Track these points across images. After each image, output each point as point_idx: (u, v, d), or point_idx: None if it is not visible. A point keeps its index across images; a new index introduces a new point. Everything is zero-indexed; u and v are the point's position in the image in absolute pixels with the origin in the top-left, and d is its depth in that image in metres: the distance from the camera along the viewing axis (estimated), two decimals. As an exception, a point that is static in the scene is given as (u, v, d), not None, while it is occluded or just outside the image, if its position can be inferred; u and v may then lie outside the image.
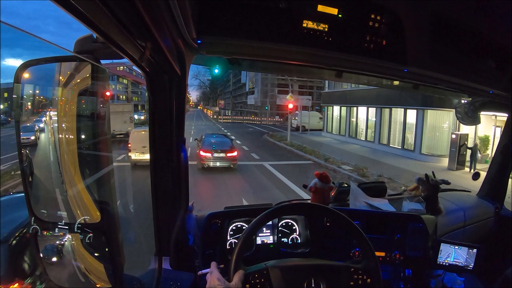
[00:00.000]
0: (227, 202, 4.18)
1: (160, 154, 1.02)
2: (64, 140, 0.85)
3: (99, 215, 0.79)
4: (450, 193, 1.87)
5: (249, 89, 41.14)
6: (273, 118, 33.24)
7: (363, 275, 0.90)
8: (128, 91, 37.39)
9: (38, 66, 0.80)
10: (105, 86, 0.83)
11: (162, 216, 1.05)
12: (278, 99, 31.17)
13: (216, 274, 0.82)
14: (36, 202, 0.81)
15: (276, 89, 33.45)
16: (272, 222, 1.36)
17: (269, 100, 33.51)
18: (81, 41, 0.81)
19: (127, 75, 33.32)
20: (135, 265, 1.12)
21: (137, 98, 40.52)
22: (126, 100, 35.27)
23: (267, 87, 34.83)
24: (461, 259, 1.37)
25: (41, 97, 0.98)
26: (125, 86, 36.95)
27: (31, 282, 1.14)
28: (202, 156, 8.70)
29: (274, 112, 34.23)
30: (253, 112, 39.25)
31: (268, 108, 33.57)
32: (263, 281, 0.85)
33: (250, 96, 41.00)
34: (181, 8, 0.66)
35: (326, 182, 1.50)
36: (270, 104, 33.52)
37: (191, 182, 1.13)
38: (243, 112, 44.58)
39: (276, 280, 0.85)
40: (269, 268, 0.87)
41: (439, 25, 0.98)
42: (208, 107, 57.60)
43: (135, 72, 35.10)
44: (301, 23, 0.88)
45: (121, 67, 26.83)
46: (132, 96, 38.92)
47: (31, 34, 0.49)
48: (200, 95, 67.52)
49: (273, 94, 33.54)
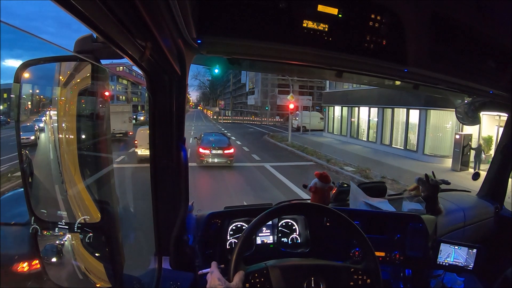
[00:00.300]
0: (228, 202, 4.15)
1: (160, 154, 1.02)
2: (64, 140, 0.85)
3: (99, 215, 0.79)
4: (450, 193, 1.87)
5: (249, 89, 40.98)
6: (274, 119, 33.25)
7: (363, 276, 0.90)
8: (128, 91, 37.25)
9: (38, 66, 0.80)
10: (105, 86, 0.83)
11: (162, 216, 1.05)
12: (279, 99, 30.88)
13: (216, 274, 0.82)
14: (36, 202, 0.81)
15: (276, 89, 33.38)
16: (272, 222, 1.36)
17: (269, 100, 33.39)
18: (81, 41, 0.81)
19: (126, 75, 33.07)
20: (135, 264, 1.12)
21: (137, 99, 40.36)
22: (126, 101, 35.03)
23: (267, 87, 34.78)
24: (461, 259, 1.37)
25: (41, 96, 0.98)
26: (125, 87, 36.88)
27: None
28: (201, 153, 9.17)
29: (274, 113, 34.15)
30: (253, 112, 39.12)
31: (268, 109, 33.46)
32: (263, 281, 0.85)
33: (250, 97, 40.76)
34: (181, 8, 0.66)
35: (326, 182, 1.50)
36: (270, 104, 33.49)
37: (191, 183, 1.13)
38: (243, 112, 44.53)
39: (276, 280, 0.85)
40: (269, 268, 0.87)
41: (439, 25, 0.98)
42: (208, 107, 57.74)
43: (135, 73, 34.89)
44: (301, 23, 0.88)
45: (120, 67, 26.69)
46: (132, 97, 38.68)
47: (32, 34, 0.49)
48: (200, 95, 67.48)
49: (273, 94, 33.40)
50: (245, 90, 43.72)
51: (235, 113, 44.56)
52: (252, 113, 39.04)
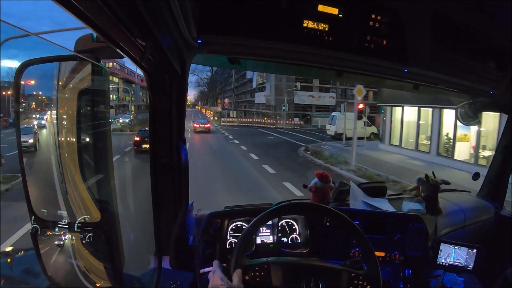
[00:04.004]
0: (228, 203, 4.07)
1: (160, 153, 1.02)
2: (64, 139, 0.85)
3: (99, 214, 0.79)
4: (450, 193, 1.87)
5: (258, 85, 33.57)
6: (291, 121, 26.71)
7: (363, 282, 0.89)
8: (120, 90, 34.07)
9: (39, 65, 0.80)
10: (106, 85, 0.83)
11: (162, 215, 1.05)
12: (297, 97, 25.96)
13: (219, 273, 0.82)
14: (36, 201, 0.81)
15: (298, 84, 25.85)
16: (272, 222, 1.36)
17: (286, 98, 26.41)
18: (81, 40, 0.81)
19: (118, 72, 30.22)
20: (135, 264, 1.12)
21: (129, 98, 36.50)
22: (118, 101, 32.26)
23: (282, 82, 27.89)
24: (461, 259, 1.37)
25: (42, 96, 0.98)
26: (117, 85, 33.39)
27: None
28: (195, 127, 19.71)
29: (291, 113, 27.50)
30: (261, 112, 32.26)
31: (285, 108, 26.12)
32: (263, 275, 0.86)
33: (259, 94, 33.31)
34: (181, 7, 0.66)
35: (326, 182, 1.50)
36: (288, 103, 26.52)
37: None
38: (247, 113, 37.06)
39: (275, 276, 0.86)
40: (270, 263, 0.87)
41: (439, 25, 0.98)
42: (206, 106, 51.75)
43: (127, 70, 31.86)
44: (302, 23, 0.88)
45: (110, 63, 23.46)
46: (124, 96, 35.53)
47: (33, 34, 0.49)
48: (198, 94, 62.51)
49: (291, 91, 26.78)
50: (250, 86, 36.88)
51: (241, 113, 36.06)
52: (260, 113, 32.27)
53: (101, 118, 0.83)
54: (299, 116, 27.21)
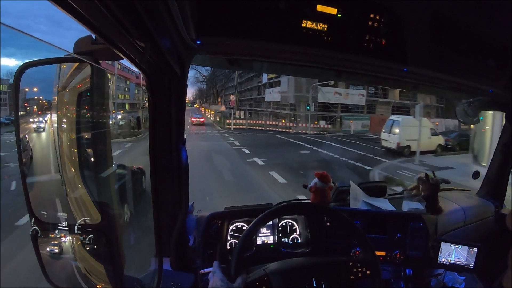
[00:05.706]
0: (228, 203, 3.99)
1: (160, 155, 1.02)
2: (64, 141, 0.85)
3: (99, 215, 0.79)
4: (450, 192, 1.86)
5: (269, 80, 26.51)
6: (316, 124, 20.71)
7: (362, 268, 0.91)
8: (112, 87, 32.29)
9: (38, 67, 0.80)
10: (105, 87, 0.83)
11: (162, 217, 1.05)
12: (321, 94, 19.75)
13: (219, 274, 0.82)
14: (36, 203, 0.81)
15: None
16: (272, 222, 1.35)
17: (311, 95, 19.97)
18: (80, 42, 0.81)
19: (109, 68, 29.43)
20: (136, 265, 1.12)
21: (123, 96, 32.36)
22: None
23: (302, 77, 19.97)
24: (461, 258, 1.37)
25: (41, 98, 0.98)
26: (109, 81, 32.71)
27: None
28: (192, 119, 23.29)
29: (315, 114, 21.13)
30: (272, 112, 26.25)
31: (310, 108, 20.09)
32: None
33: (271, 90, 26.00)
34: (180, 8, 0.66)
35: (326, 182, 1.50)
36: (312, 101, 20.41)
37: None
38: (254, 113, 30.37)
39: (277, 284, 0.86)
40: (269, 275, 0.87)
41: (438, 25, 0.98)
42: (206, 105, 44.48)
43: (121, 65, 29.10)
44: (301, 23, 0.88)
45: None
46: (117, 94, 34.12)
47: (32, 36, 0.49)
48: (196, 92, 55.94)
49: (315, 86, 19.98)
50: (257, 82, 30.70)
51: (250, 114, 28.80)
52: (270, 114, 26.48)
53: (100, 120, 0.83)
54: (326, 118, 20.95)
